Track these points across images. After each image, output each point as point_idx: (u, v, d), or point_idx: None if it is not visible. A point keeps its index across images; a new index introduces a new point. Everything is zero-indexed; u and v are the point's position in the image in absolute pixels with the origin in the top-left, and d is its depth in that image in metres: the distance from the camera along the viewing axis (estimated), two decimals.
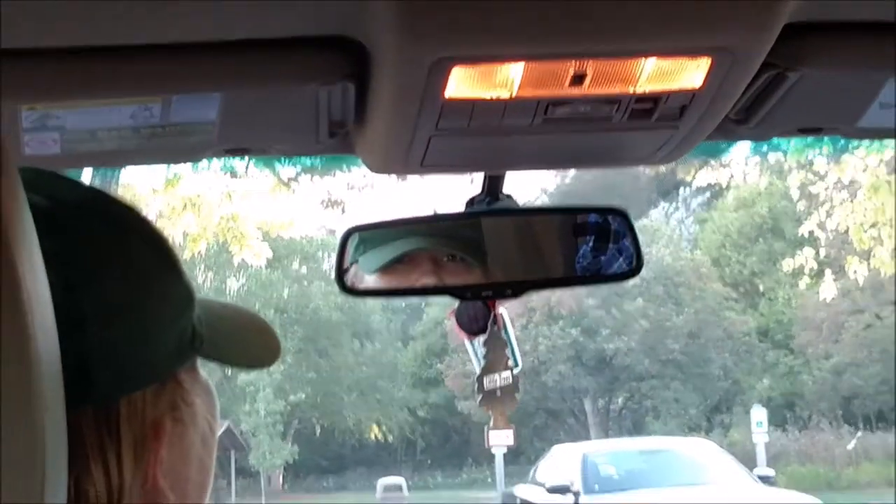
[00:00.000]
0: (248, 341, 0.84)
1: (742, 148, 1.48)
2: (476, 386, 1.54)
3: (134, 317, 0.72)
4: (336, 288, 1.41)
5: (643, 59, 1.02)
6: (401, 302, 27.76)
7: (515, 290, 1.42)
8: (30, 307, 0.47)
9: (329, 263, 28.83)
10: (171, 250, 0.77)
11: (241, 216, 7.51)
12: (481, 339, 1.49)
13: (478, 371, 1.54)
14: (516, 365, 1.53)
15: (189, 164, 1.33)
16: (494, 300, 1.45)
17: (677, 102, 1.09)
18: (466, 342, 1.52)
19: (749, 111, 1.17)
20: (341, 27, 1.00)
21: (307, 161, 1.38)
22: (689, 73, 1.04)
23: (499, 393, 1.53)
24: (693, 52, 1.01)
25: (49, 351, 0.49)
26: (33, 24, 0.93)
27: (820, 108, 1.20)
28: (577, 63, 1.02)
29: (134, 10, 0.92)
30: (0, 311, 0.46)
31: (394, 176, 1.42)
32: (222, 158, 1.30)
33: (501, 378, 1.52)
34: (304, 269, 29.67)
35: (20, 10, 0.89)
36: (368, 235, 1.42)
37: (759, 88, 1.12)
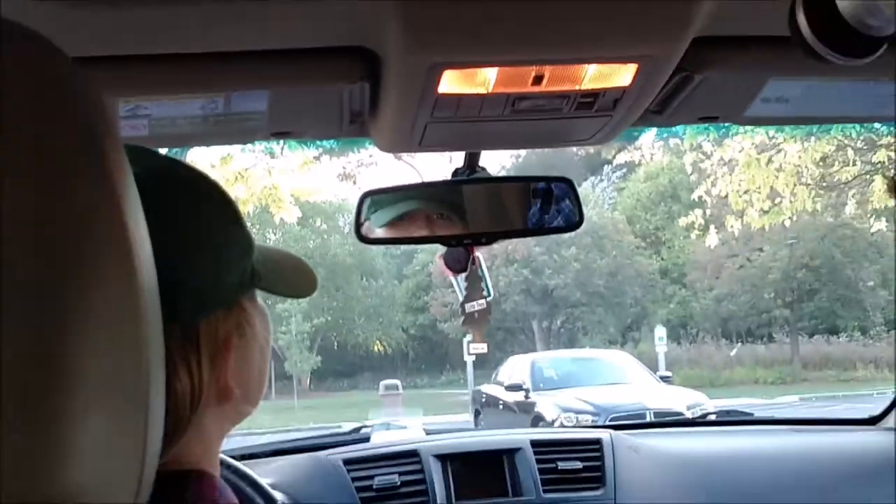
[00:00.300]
0: (293, 277, 0.84)
1: (650, 134, 1.47)
2: (460, 311, 1.55)
3: (207, 258, 0.71)
4: (349, 239, 1.41)
5: (587, 65, 1.02)
6: (397, 249, 27.82)
7: (489, 238, 1.43)
8: (135, 251, 0.47)
9: (343, 222, 28.78)
10: (234, 207, 0.76)
11: (278, 186, 7.50)
12: (463, 276, 1.50)
13: (461, 299, 1.54)
14: (489, 294, 1.53)
15: (239, 145, 1.33)
16: (473, 246, 1.45)
17: (611, 97, 1.08)
18: (451, 278, 1.52)
19: (663, 104, 1.17)
20: (361, 40, 0.99)
21: (327, 144, 1.37)
22: (621, 75, 1.03)
23: (476, 315, 1.53)
24: (624, 60, 1.01)
25: (150, 283, 0.48)
26: (128, 37, 0.92)
27: (716, 102, 1.19)
28: (537, 68, 1.02)
29: (204, 26, 0.91)
30: (112, 254, 0.45)
31: (390, 155, 1.40)
32: (269, 142, 1.29)
33: (478, 304, 1.53)
34: (324, 226, 29.61)
35: (120, 26, 0.88)
36: (378, 198, 1.41)
37: (672, 87, 1.11)
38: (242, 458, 1.75)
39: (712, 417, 2.54)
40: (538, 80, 1.03)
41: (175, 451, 0.70)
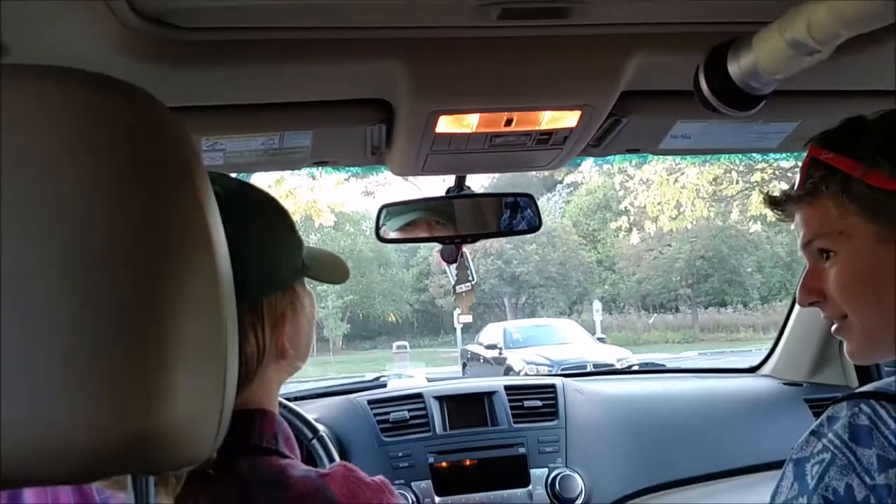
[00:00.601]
0: (332, 268, 0.83)
1: (589, 161, 1.47)
2: (452, 290, 1.54)
3: (269, 255, 0.71)
4: (371, 239, 1.40)
5: (544, 111, 1.01)
6: (406, 247, 27.74)
7: (472, 238, 1.42)
8: (216, 247, 0.47)
9: (366, 226, 28.71)
10: (289, 218, 0.76)
11: (318, 200, 7.48)
12: (454, 265, 1.49)
13: (453, 283, 1.53)
14: (473, 279, 1.52)
15: (289, 171, 1.32)
16: (461, 244, 1.44)
17: (562, 135, 1.07)
18: (446, 267, 1.52)
19: (600, 139, 1.16)
20: (379, 94, 0.99)
21: (354, 169, 1.36)
22: (569, 119, 1.03)
23: (464, 294, 1.52)
24: (571, 107, 1.00)
25: (226, 271, 0.48)
26: (208, 91, 0.91)
27: (638, 138, 1.19)
28: (508, 114, 1.01)
29: (264, 84, 0.91)
30: (199, 250, 0.45)
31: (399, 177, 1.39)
32: (311, 168, 1.28)
33: (465, 286, 1.52)
34: (352, 230, 29.50)
35: (202, 83, 0.87)
36: (392, 209, 1.40)
37: (606, 127, 1.11)
38: (294, 399, 1.75)
39: (635, 368, 2.55)
40: (509, 122, 1.02)
41: (246, 394, 0.70)
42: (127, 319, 0.41)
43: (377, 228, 1.38)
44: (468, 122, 1.01)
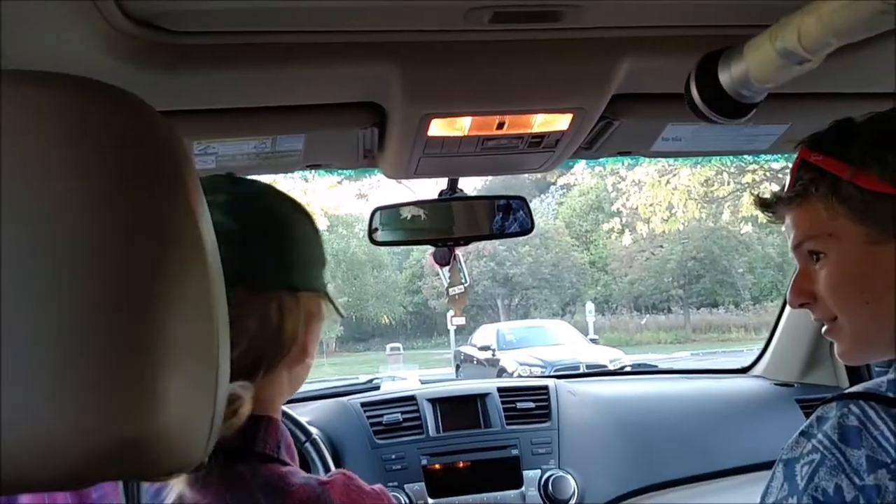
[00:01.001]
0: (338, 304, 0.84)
1: (582, 163, 1.47)
2: (445, 293, 1.54)
3: (311, 252, 0.74)
4: (364, 242, 1.40)
5: (536, 114, 1.01)
6: (399, 249, 27.65)
7: (465, 241, 1.42)
8: (206, 247, 0.46)
9: (359, 229, 28.62)
10: (317, 226, 0.78)
11: (311, 203, 7.47)
12: (447, 267, 1.49)
13: (446, 285, 1.53)
14: (466, 281, 1.53)
15: (282, 174, 1.32)
16: (454, 246, 1.44)
17: (554, 138, 1.08)
18: (439, 269, 1.52)
19: (592, 142, 1.17)
20: (372, 97, 0.99)
21: (347, 172, 1.36)
22: (560, 122, 1.03)
23: (457, 297, 1.52)
24: (563, 110, 1.00)
25: (216, 269, 0.47)
26: (200, 95, 0.91)
27: (630, 140, 1.19)
28: (500, 117, 1.01)
29: (257, 88, 0.91)
30: (190, 250, 0.45)
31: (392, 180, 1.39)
32: (304, 171, 1.28)
33: (458, 288, 1.52)
34: (345, 233, 29.41)
35: (194, 87, 0.87)
36: (385, 212, 1.40)
37: (597, 130, 1.11)
38: (287, 402, 1.74)
39: (627, 368, 2.54)
40: (501, 125, 1.02)
41: (256, 392, 0.69)
42: (118, 324, 0.41)
43: (370, 231, 1.38)
44: (460, 126, 1.01)
